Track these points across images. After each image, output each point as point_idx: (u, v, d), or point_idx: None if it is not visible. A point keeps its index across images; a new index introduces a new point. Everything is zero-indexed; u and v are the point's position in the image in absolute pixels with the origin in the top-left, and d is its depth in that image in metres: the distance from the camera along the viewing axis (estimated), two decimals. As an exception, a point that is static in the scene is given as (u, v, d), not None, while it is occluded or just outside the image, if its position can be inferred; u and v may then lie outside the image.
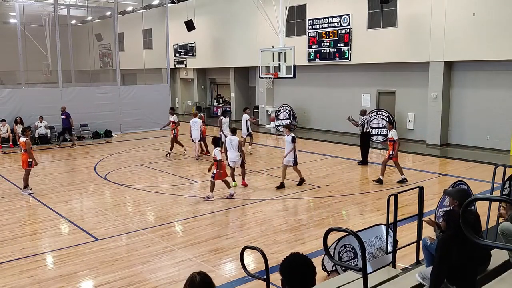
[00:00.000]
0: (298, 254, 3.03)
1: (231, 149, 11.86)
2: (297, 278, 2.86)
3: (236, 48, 25.41)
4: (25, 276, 7.08)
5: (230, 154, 11.88)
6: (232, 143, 11.82)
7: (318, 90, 22.42)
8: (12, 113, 19.78)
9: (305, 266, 2.91)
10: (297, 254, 3.02)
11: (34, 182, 12.77)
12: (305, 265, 2.92)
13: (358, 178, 13.33)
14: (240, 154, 11.89)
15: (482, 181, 11.78)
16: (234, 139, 11.87)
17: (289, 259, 2.97)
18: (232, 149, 11.83)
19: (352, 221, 9.50)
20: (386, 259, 6.65)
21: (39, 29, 28.47)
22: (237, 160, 11.92)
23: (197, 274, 3.11)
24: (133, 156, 17.09)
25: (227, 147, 11.98)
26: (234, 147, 11.79)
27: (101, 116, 21.90)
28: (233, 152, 11.84)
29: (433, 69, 17.12)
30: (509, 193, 7.45)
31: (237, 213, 10.06)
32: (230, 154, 11.89)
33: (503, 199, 4.24)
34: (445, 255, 4.43)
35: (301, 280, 2.87)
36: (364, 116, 14.75)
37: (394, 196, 6.01)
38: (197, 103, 30.35)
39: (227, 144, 12.00)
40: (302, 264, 2.91)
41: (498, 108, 16.15)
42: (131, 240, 8.59)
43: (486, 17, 15.40)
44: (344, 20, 19.75)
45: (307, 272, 2.90)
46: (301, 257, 3.00)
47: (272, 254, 7.55)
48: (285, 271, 2.91)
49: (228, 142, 11.95)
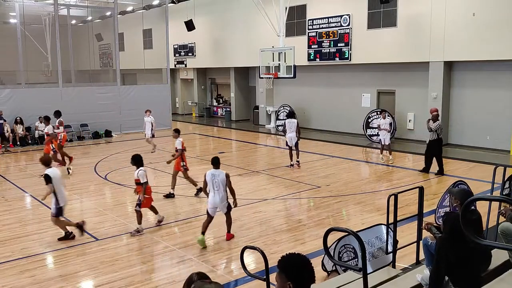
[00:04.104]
0: (297, 253, 3.02)
1: (215, 189, 8.23)
2: (305, 273, 2.85)
3: (236, 48, 25.40)
4: (25, 276, 7.08)
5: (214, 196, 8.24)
6: (216, 178, 8.21)
7: (318, 90, 22.42)
8: (12, 113, 19.77)
9: (310, 263, 2.92)
10: (296, 253, 3.02)
11: (34, 182, 12.78)
12: (310, 263, 2.92)
13: (358, 178, 13.33)
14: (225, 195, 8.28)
15: (482, 181, 11.77)
16: (220, 173, 8.24)
17: (294, 256, 2.95)
18: (217, 188, 8.23)
19: (352, 221, 9.49)
20: (386, 259, 6.64)
21: (39, 29, 28.48)
22: (223, 205, 8.33)
23: (196, 274, 3.12)
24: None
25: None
26: (219, 185, 8.18)
27: (101, 116, 21.90)
28: (220, 193, 8.22)
29: (433, 69, 17.12)
30: (509, 193, 7.45)
31: (237, 213, 10.05)
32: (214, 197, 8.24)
33: (503, 199, 4.23)
34: (442, 255, 4.44)
35: (310, 276, 2.87)
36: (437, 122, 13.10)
37: (394, 196, 6.01)
38: (198, 103, 30.39)
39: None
40: (308, 261, 2.92)
41: (498, 108, 16.14)
42: (131, 240, 8.58)
43: (486, 17, 15.40)
44: (344, 20, 19.75)
45: (312, 269, 2.91)
46: (302, 255, 3.00)
47: (272, 254, 7.55)
48: (292, 267, 2.87)
49: (210, 178, 8.25)
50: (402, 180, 12.85)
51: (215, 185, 8.14)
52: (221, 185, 8.15)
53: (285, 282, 2.83)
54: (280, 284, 2.87)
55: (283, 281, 2.84)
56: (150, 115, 17.58)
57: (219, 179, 8.14)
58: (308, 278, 2.85)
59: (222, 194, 8.20)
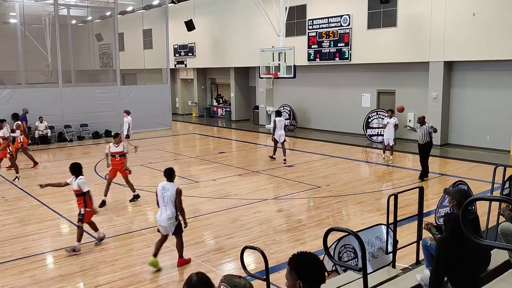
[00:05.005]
0: (309, 252, 3.00)
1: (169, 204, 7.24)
2: (316, 273, 2.85)
3: (236, 48, 25.40)
4: (25, 276, 7.08)
5: (166, 210, 7.23)
6: (166, 193, 7.25)
7: (318, 90, 22.42)
8: (12, 113, 19.73)
9: (321, 263, 2.91)
10: (308, 252, 2.99)
11: (34, 182, 12.78)
12: (321, 262, 2.91)
13: (358, 178, 13.33)
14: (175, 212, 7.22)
15: (482, 181, 11.77)
16: (170, 187, 7.27)
17: (306, 255, 2.93)
18: (165, 204, 7.25)
19: (352, 221, 9.50)
20: (386, 259, 6.64)
21: (39, 29, 28.48)
22: (169, 225, 7.25)
23: (195, 275, 3.12)
24: (133, 156, 17.06)
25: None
26: (168, 201, 7.20)
27: (101, 116, 21.89)
28: (168, 209, 7.21)
29: (433, 69, 17.12)
30: (509, 193, 7.45)
31: (237, 213, 10.06)
32: (165, 211, 7.23)
33: (503, 199, 4.23)
34: (442, 255, 4.44)
35: (320, 276, 2.86)
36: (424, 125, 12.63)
37: (394, 196, 6.01)
38: (198, 103, 30.39)
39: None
40: (319, 261, 2.90)
41: (498, 108, 16.15)
42: (131, 240, 8.58)
43: (486, 17, 15.40)
44: (344, 20, 19.75)
45: (322, 269, 2.90)
46: (314, 255, 2.98)
47: (272, 254, 7.55)
48: (303, 266, 2.86)
49: (160, 191, 7.34)
50: (402, 180, 12.86)
51: (164, 200, 7.16)
52: (170, 201, 7.11)
53: (296, 281, 2.81)
54: (291, 282, 2.85)
55: (294, 279, 2.83)
56: (128, 116, 17.45)
57: (168, 194, 7.13)
58: (318, 277, 2.84)
59: (171, 211, 7.12)
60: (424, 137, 12.48)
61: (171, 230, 7.24)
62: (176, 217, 7.19)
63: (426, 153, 12.69)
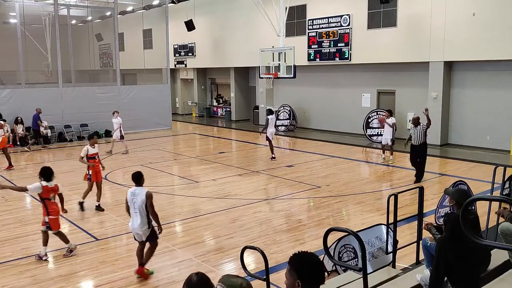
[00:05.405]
0: (310, 252, 2.99)
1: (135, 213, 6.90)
2: (316, 273, 2.84)
3: (236, 48, 25.40)
4: (25, 276, 7.09)
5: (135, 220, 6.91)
6: (136, 198, 6.87)
7: (318, 90, 22.42)
8: (12, 113, 19.76)
9: (321, 263, 2.90)
10: (309, 252, 2.98)
11: (34, 182, 12.74)
12: (321, 263, 2.90)
13: (358, 178, 13.33)
14: (147, 219, 6.90)
15: (482, 181, 11.77)
16: (140, 192, 6.85)
17: (306, 254, 2.91)
18: (135, 210, 6.89)
19: (352, 221, 9.50)
20: (386, 259, 6.64)
21: (39, 29, 28.46)
22: (142, 232, 6.96)
23: (195, 275, 3.12)
24: (133, 156, 17.08)
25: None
26: (138, 207, 6.82)
27: (101, 116, 21.87)
28: (139, 216, 6.85)
29: (433, 69, 17.12)
30: (509, 193, 7.45)
31: (237, 213, 10.06)
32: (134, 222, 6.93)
33: (503, 199, 4.23)
34: (442, 255, 4.44)
35: (320, 277, 2.85)
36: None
37: (394, 196, 6.01)
38: (198, 103, 30.40)
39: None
40: (320, 261, 2.90)
41: (498, 108, 16.15)
42: (131, 240, 8.55)
43: (486, 17, 15.40)
44: (344, 20, 19.75)
45: (323, 270, 2.89)
46: (315, 255, 2.96)
47: (272, 254, 7.56)
48: (303, 266, 2.85)
49: (129, 197, 6.94)
50: (402, 180, 12.86)
51: (134, 206, 6.82)
52: (141, 207, 6.77)
53: (295, 280, 2.81)
54: (290, 281, 2.85)
55: (293, 278, 2.82)
56: (117, 116, 17.44)
57: (138, 199, 6.78)
58: (318, 278, 2.84)
59: (142, 218, 6.78)
60: (419, 138, 12.27)
61: (144, 237, 6.92)
62: (148, 224, 6.85)
63: (423, 155, 12.47)
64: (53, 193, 7.72)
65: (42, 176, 7.68)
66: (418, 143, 12.31)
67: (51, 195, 7.70)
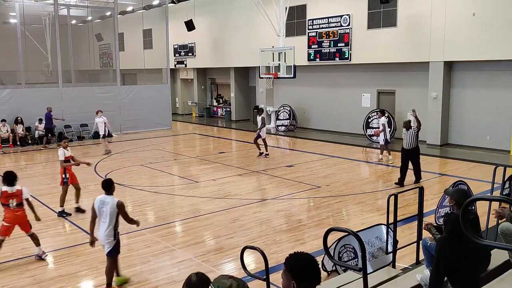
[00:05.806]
0: (306, 253, 2.97)
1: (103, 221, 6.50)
2: (311, 274, 2.83)
3: (236, 48, 25.40)
4: (25, 276, 7.09)
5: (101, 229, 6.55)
6: (105, 207, 6.46)
7: (318, 90, 22.42)
8: (12, 113, 19.78)
9: (317, 264, 2.89)
10: (304, 253, 2.97)
11: (34, 182, 12.77)
12: (317, 263, 2.89)
13: (358, 178, 13.33)
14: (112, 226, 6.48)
15: (482, 181, 11.77)
16: (110, 201, 6.48)
17: (302, 255, 2.90)
18: (104, 220, 6.48)
19: (352, 221, 9.50)
20: (386, 259, 6.65)
21: (39, 29, 28.47)
22: (107, 243, 6.52)
23: (195, 275, 3.13)
24: (133, 156, 17.09)
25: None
26: (107, 217, 6.43)
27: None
28: (105, 226, 6.47)
29: (433, 69, 17.12)
30: (509, 193, 7.45)
31: (237, 213, 10.06)
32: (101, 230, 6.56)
33: (503, 199, 4.23)
34: (442, 255, 4.44)
35: (316, 277, 2.84)
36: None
37: (394, 196, 6.01)
38: (198, 103, 30.40)
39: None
40: (315, 262, 2.88)
41: (498, 108, 16.14)
42: (131, 240, 8.58)
43: (486, 17, 15.40)
44: (344, 20, 19.75)
45: (319, 270, 2.87)
46: (310, 256, 2.95)
47: (272, 254, 7.55)
48: (299, 267, 2.84)
49: (98, 206, 6.51)
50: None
51: (102, 215, 6.40)
52: (108, 216, 6.34)
53: (290, 281, 2.81)
54: (285, 282, 2.85)
55: (289, 279, 2.82)
56: (101, 116, 17.46)
57: (107, 208, 6.36)
58: (314, 279, 2.83)
59: (109, 229, 6.37)
60: (412, 142, 12.06)
61: (106, 249, 6.45)
62: (114, 235, 6.45)
63: (416, 159, 12.23)
64: (13, 198, 7.42)
65: (4, 181, 7.36)
66: (411, 147, 12.10)
67: (10, 201, 7.40)
